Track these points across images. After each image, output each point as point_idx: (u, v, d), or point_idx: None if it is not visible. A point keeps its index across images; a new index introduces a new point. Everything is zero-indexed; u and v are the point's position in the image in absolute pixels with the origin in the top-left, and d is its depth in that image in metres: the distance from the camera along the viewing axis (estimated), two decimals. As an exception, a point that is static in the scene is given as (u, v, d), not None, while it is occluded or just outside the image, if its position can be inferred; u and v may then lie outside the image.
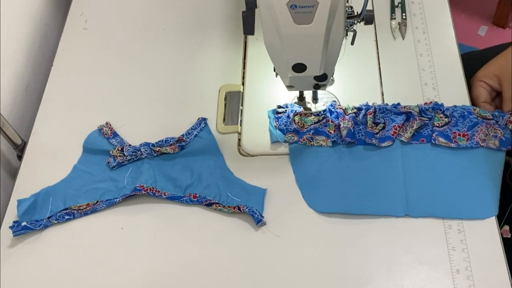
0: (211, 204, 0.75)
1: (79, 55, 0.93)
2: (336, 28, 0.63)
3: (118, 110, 0.86)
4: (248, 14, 0.64)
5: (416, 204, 0.73)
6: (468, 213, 0.72)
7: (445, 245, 0.70)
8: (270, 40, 0.65)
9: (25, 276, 0.72)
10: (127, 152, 0.79)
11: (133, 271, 0.72)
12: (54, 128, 0.85)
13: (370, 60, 0.87)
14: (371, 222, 0.73)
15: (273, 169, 0.78)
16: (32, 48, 0.96)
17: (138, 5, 0.99)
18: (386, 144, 0.77)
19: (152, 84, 0.89)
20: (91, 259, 0.73)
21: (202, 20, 0.96)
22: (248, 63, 0.89)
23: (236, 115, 0.84)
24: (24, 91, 0.94)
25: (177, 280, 0.71)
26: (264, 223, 0.73)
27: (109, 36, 0.95)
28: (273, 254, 0.71)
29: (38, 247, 0.74)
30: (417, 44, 0.89)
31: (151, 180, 0.77)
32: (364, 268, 0.70)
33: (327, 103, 0.81)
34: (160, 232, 0.74)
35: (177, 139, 0.80)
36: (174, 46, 0.93)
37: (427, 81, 0.84)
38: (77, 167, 0.80)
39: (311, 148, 0.79)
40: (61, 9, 1.07)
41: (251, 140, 0.81)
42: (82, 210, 0.76)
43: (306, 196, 0.75)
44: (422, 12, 0.93)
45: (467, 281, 0.68)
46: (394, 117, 0.78)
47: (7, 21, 0.90)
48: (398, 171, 0.75)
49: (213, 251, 0.72)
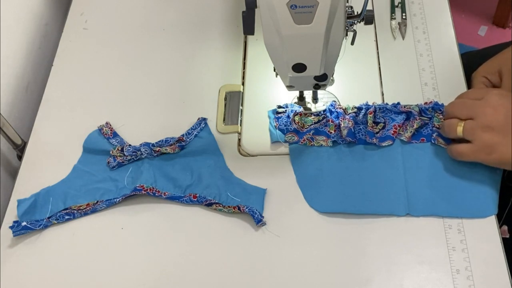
0: (211, 204, 0.75)
1: (79, 55, 0.93)
2: (336, 28, 0.63)
3: (118, 110, 0.86)
4: (248, 14, 0.64)
5: (417, 203, 0.73)
6: (468, 211, 0.72)
7: (445, 245, 0.70)
8: (270, 40, 0.65)
9: (25, 276, 0.72)
10: (127, 152, 0.79)
11: (133, 271, 0.72)
12: (54, 128, 0.85)
13: (370, 60, 0.87)
14: (371, 222, 0.73)
15: (273, 169, 0.78)
16: (32, 48, 0.96)
17: (138, 5, 0.99)
18: (387, 143, 0.77)
19: (152, 84, 0.89)
20: (91, 259, 0.73)
21: (202, 20, 0.96)
22: (248, 63, 0.89)
23: (236, 115, 0.84)
24: (24, 91, 0.94)
25: (177, 280, 0.71)
26: (264, 223, 0.73)
27: (109, 36, 0.95)
28: (273, 254, 0.71)
29: (38, 247, 0.74)
30: (417, 44, 0.89)
31: (151, 180, 0.77)
32: (364, 268, 0.70)
33: (327, 103, 0.81)
34: (160, 232, 0.74)
35: (177, 139, 0.80)
36: (174, 46, 0.93)
37: (427, 81, 0.84)
38: (77, 167, 0.80)
39: (312, 148, 0.79)
40: (61, 9, 1.07)
41: (251, 140, 0.81)
42: (82, 210, 0.76)
43: (307, 196, 0.75)
44: (422, 12, 0.93)
45: (467, 281, 0.68)
46: (394, 116, 0.78)
47: (7, 21, 0.90)
48: (399, 171, 0.75)
49: (213, 251, 0.72)
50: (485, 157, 0.70)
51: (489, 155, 0.69)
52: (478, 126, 0.69)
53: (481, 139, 0.69)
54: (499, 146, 0.68)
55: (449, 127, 0.73)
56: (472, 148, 0.70)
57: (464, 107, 0.72)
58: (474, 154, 0.70)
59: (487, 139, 0.69)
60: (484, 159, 0.70)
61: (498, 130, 0.68)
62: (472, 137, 0.70)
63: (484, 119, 0.69)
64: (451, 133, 0.73)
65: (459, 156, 0.73)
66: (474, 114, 0.70)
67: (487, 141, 0.69)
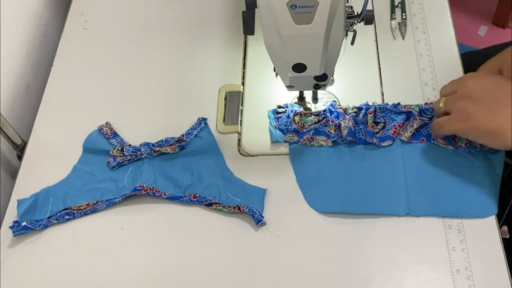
0: (211, 204, 0.75)
1: (79, 55, 0.93)
2: (336, 28, 0.63)
3: (118, 110, 0.86)
4: (248, 14, 0.64)
5: (417, 203, 0.73)
6: (468, 211, 0.72)
7: (445, 245, 0.70)
8: (270, 40, 0.65)
9: (25, 276, 0.72)
10: (127, 152, 0.79)
11: (133, 271, 0.72)
12: (54, 128, 0.85)
13: (370, 60, 0.87)
14: (371, 222, 0.73)
15: (273, 169, 0.78)
16: (32, 48, 0.97)
17: (138, 5, 0.99)
18: (387, 143, 0.77)
19: (152, 84, 0.89)
20: (91, 259, 0.73)
21: (202, 20, 0.96)
22: (248, 63, 0.89)
23: (236, 115, 0.84)
24: (24, 91, 0.94)
25: (177, 280, 0.71)
26: (264, 223, 0.73)
27: (109, 36, 0.95)
28: (273, 254, 0.71)
29: (38, 247, 0.74)
30: (417, 44, 0.89)
31: (151, 180, 0.77)
32: (364, 268, 0.70)
33: (327, 103, 0.81)
34: (160, 232, 0.74)
35: (177, 139, 0.80)
36: (174, 46, 0.93)
37: (427, 81, 0.84)
38: (77, 167, 0.80)
39: (312, 148, 0.79)
40: (61, 9, 1.07)
41: (251, 140, 0.81)
42: (82, 210, 0.76)
43: (307, 195, 0.75)
44: (422, 12, 0.93)
45: (467, 281, 0.68)
46: (394, 116, 0.78)
47: (7, 21, 0.90)
48: (399, 170, 0.75)
49: (213, 251, 0.72)
50: (461, 125, 0.69)
51: (464, 122, 0.68)
52: (457, 97, 0.71)
53: (458, 106, 0.70)
54: (475, 112, 0.68)
55: (435, 106, 0.75)
56: (450, 117, 0.71)
57: (449, 84, 0.74)
58: (451, 121, 0.70)
59: (464, 106, 0.69)
60: (461, 128, 0.69)
61: (476, 99, 0.68)
62: (451, 107, 0.71)
63: (464, 89, 0.70)
64: (436, 112, 0.74)
65: (438, 128, 0.73)
66: (456, 87, 0.72)
67: (464, 108, 0.69)
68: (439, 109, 0.74)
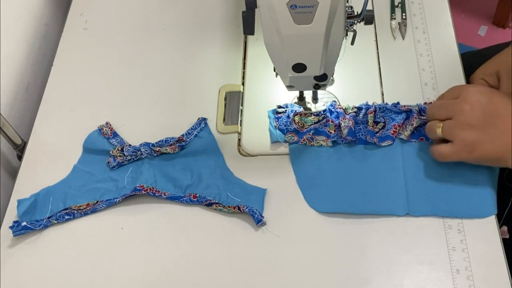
0: (211, 204, 0.75)
1: (79, 55, 0.93)
2: (336, 28, 0.63)
3: (118, 110, 0.86)
4: (248, 14, 0.64)
5: (417, 203, 0.73)
6: (468, 211, 0.72)
7: (445, 245, 0.70)
8: (270, 40, 0.65)
9: (25, 276, 0.72)
10: (127, 152, 0.79)
11: (133, 271, 0.72)
12: (54, 128, 0.85)
13: (370, 60, 0.87)
14: (372, 222, 0.73)
15: (273, 169, 0.78)
16: (32, 48, 0.97)
17: (138, 5, 0.99)
18: (386, 143, 0.77)
19: (152, 84, 0.89)
20: (91, 259, 0.73)
21: (202, 20, 0.96)
22: (248, 63, 0.89)
23: (236, 115, 0.84)
24: (24, 91, 0.94)
25: (177, 280, 0.71)
26: (264, 223, 0.73)
27: (109, 36, 0.95)
28: (273, 254, 0.71)
29: (38, 247, 0.74)
30: (417, 44, 0.89)
31: (151, 180, 0.77)
32: (364, 268, 0.70)
33: (327, 103, 0.81)
34: (160, 232, 0.74)
35: (177, 139, 0.80)
36: (174, 46, 0.93)
37: (427, 81, 0.84)
38: (77, 167, 0.80)
39: (312, 148, 0.79)
40: (61, 9, 1.07)
41: (251, 140, 0.81)
42: (82, 210, 0.76)
43: (307, 196, 0.75)
44: (422, 12, 0.93)
45: (467, 281, 0.68)
46: (394, 116, 0.78)
47: (7, 21, 0.90)
48: (399, 170, 0.75)
49: (213, 251, 0.72)
50: (467, 156, 0.69)
51: (470, 153, 0.68)
52: (456, 125, 0.69)
53: (461, 138, 0.68)
54: (479, 143, 0.68)
55: (429, 130, 0.73)
56: (453, 148, 0.70)
57: (442, 107, 0.72)
58: (456, 154, 0.70)
59: (467, 137, 0.68)
60: (466, 158, 0.70)
61: (477, 127, 0.68)
62: (452, 137, 0.69)
63: (462, 117, 0.68)
64: (432, 135, 0.73)
65: (441, 157, 0.72)
66: (452, 113, 0.70)
67: (467, 139, 0.68)
68: (434, 134, 0.72)
